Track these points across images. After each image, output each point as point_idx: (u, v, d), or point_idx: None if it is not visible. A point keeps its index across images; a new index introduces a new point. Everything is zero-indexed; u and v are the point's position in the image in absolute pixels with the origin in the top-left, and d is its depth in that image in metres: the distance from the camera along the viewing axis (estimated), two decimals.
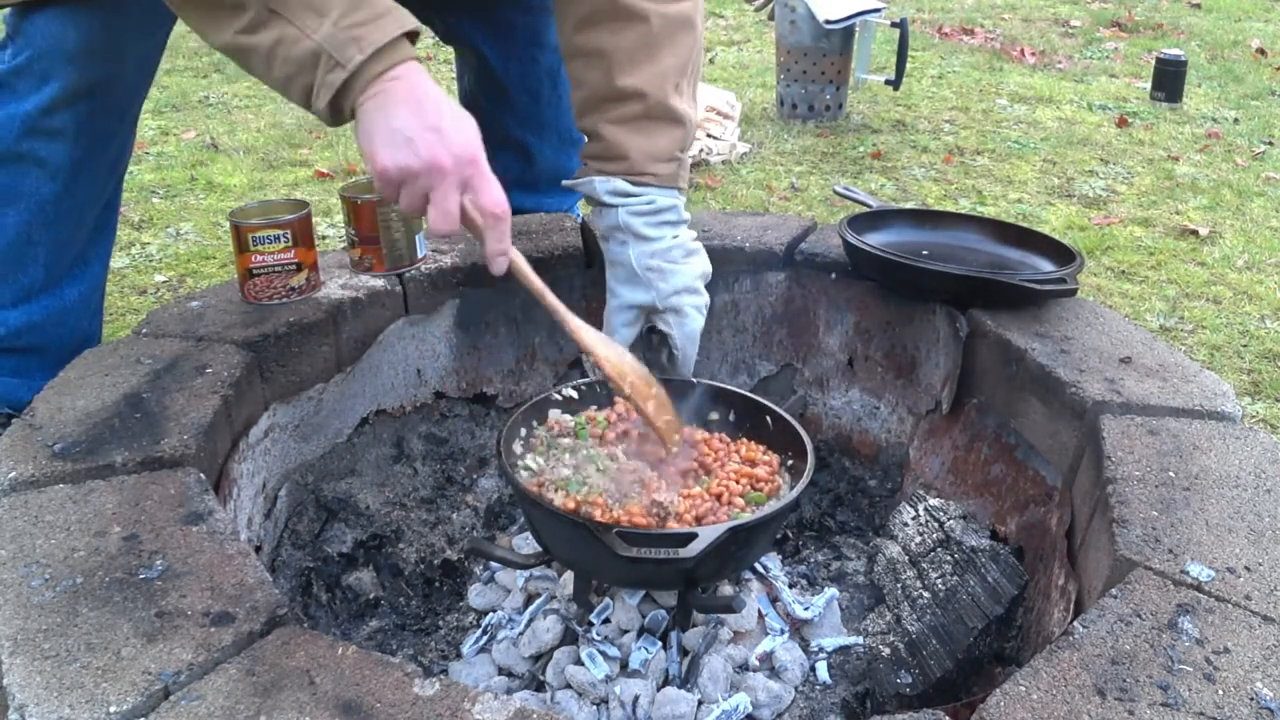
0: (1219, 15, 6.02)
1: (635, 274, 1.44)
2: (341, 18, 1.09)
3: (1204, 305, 2.59)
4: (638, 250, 1.44)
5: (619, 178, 1.43)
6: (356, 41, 1.09)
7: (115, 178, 1.73)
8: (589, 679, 1.20)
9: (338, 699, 0.85)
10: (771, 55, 4.24)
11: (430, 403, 1.69)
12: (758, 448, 1.40)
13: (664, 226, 1.45)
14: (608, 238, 1.46)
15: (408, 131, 1.10)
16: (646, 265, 1.44)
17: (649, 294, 1.44)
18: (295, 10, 1.09)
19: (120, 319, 2.39)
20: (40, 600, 0.94)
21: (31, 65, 1.53)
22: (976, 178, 3.47)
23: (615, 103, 1.42)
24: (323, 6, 1.09)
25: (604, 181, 1.43)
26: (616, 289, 1.47)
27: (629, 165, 1.43)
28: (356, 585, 1.45)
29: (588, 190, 1.46)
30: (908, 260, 1.55)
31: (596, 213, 1.48)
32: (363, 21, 1.09)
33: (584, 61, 1.43)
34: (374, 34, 1.09)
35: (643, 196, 1.43)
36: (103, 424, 1.21)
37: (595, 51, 1.41)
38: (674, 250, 1.45)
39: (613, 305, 1.47)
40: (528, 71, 2.09)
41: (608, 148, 1.43)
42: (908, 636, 1.29)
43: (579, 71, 1.45)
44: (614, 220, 1.44)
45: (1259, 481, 1.15)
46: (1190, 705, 0.86)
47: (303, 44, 1.09)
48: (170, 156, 3.50)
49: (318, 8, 1.09)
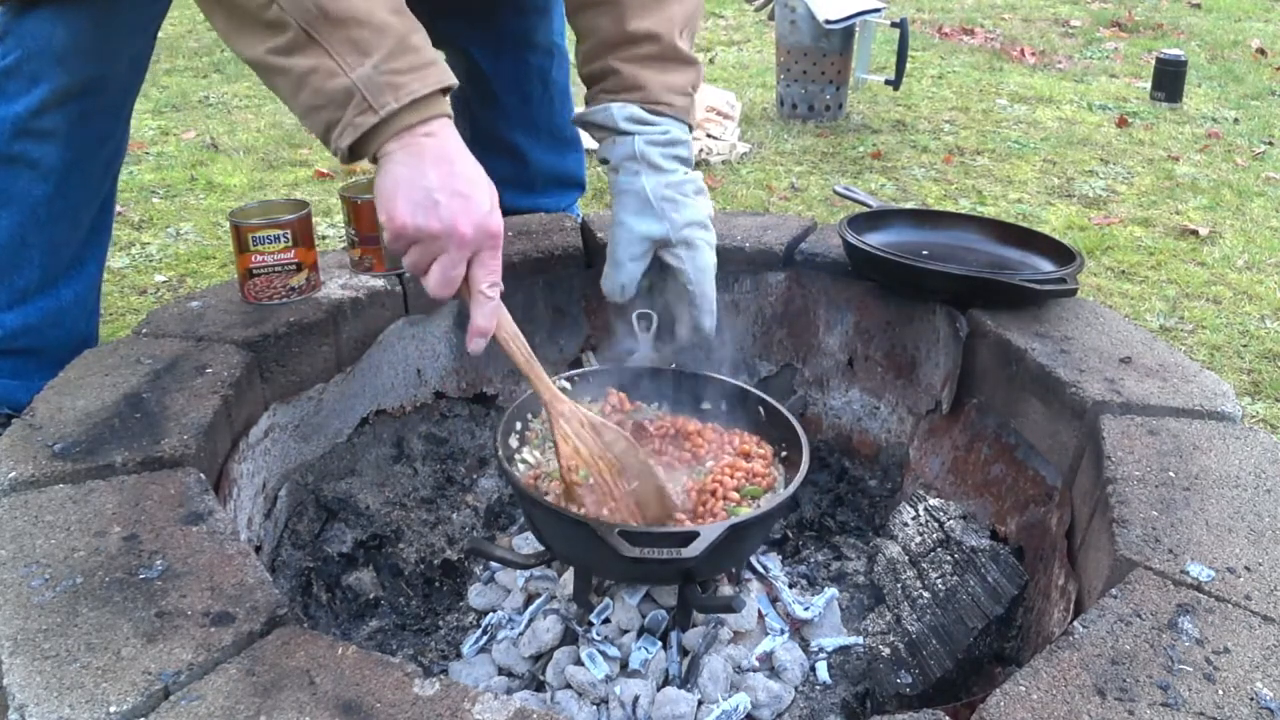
0: (1219, 15, 6.02)
1: (649, 204, 1.41)
2: (384, 61, 1.05)
3: (1204, 305, 2.59)
4: (653, 181, 1.41)
5: (636, 105, 1.42)
6: (394, 89, 1.06)
7: (110, 177, 1.72)
8: (589, 679, 1.20)
9: (338, 699, 0.85)
10: (771, 55, 4.24)
11: (430, 403, 1.69)
12: (751, 438, 1.40)
13: (676, 161, 1.44)
14: (618, 168, 1.44)
15: (435, 194, 1.08)
16: (661, 195, 1.41)
17: (662, 225, 1.41)
18: (337, 43, 1.05)
19: (120, 319, 2.39)
20: (40, 600, 0.94)
21: (20, 66, 1.52)
22: (976, 178, 3.47)
23: (628, 45, 1.41)
24: (367, 46, 1.05)
25: (621, 108, 1.42)
26: (626, 220, 1.42)
27: (645, 95, 1.42)
28: (356, 585, 1.45)
29: (602, 118, 1.43)
30: (908, 260, 1.55)
31: (609, 143, 1.45)
32: (405, 69, 1.06)
33: (594, 11, 1.42)
34: (414, 84, 1.07)
35: (659, 126, 1.43)
36: (103, 424, 1.21)
37: (605, 2, 1.40)
38: (686, 184, 1.44)
39: (621, 237, 1.43)
40: (517, 72, 2.09)
41: (622, 80, 1.42)
42: (908, 636, 1.29)
43: (588, 20, 1.43)
44: (629, 149, 1.42)
45: (1259, 481, 1.15)
46: (1190, 705, 0.86)
47: (338, 79, 1.06)
48: (170, 156, 3.50)
49: (362, 46, 1.05)
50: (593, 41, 1.44)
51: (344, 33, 1.04)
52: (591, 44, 1.44)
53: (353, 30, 1.04)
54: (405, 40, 1.07)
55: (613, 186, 1.45)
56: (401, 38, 1.06)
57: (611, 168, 1.45)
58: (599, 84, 1.45)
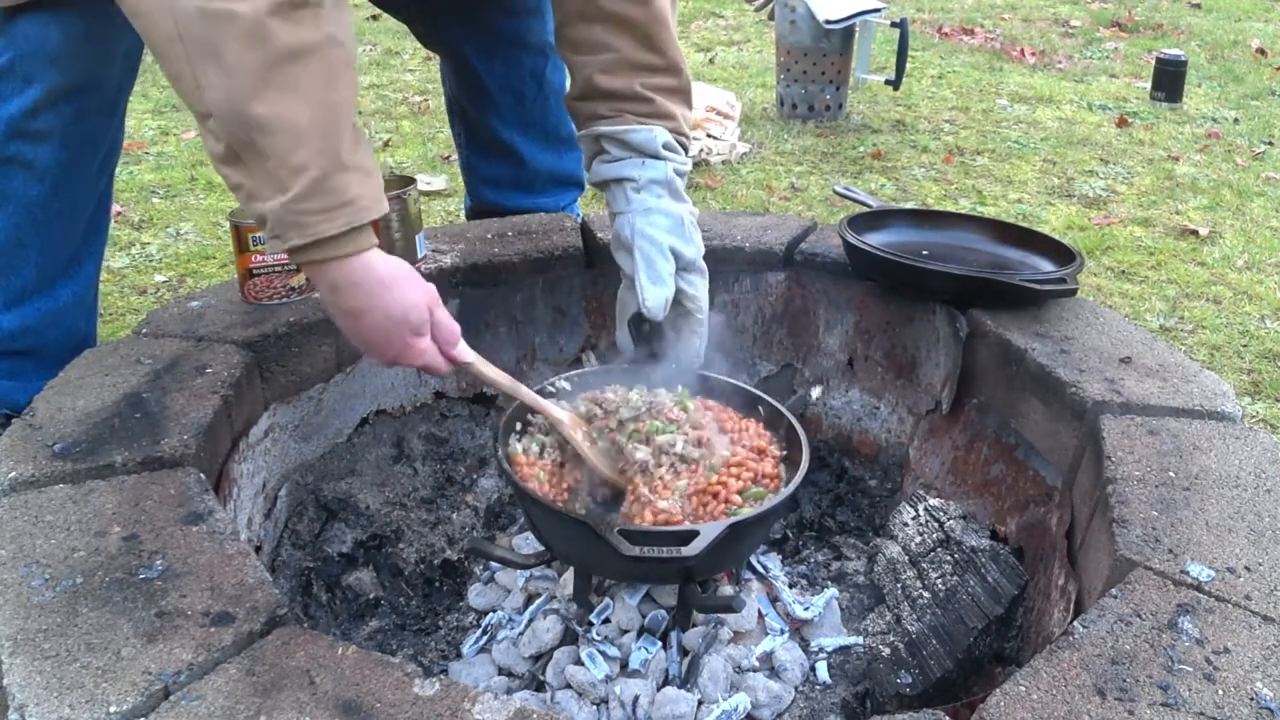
0: (1219, 15, 6.02)
1: (682, 226, 1.45)
2: (294, 200, 1.08)
3: (1204, 305, 2.59)
4: (683, 207, 1.47)
5: (670, 134, 1.47)
6: (299, 228, 1.09)
7: (106, 177, 1.72)
8: (589, 679, 1.20)
9: (338, 699, 0.85)
10: (771, 55, 4.24)
11: (430, 403, 1.69)
12: (765, 433, 1.39)
13: (685, 193, 1.50)
14: (642, 188, 1.46)
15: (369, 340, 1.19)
16: (690, 222, 1.47)
17: (691, 248, 1.45)
18: (256, 173, 1.08)
19: (120, 319, 2.39)
20: (40, 600, 0.94)
21: (14, 67, 1.52)
22: (976, 178, 3.47)
23: (650, 71, 1.45)
24: (283, 182, 1.08)
25: (662, 133, 1.46)
26: (661, 238, 1.43)
27: (676, 126, 1.48)
28: (356, 585, 1.45)
29: (643, 139, 1.45)
30: (908, 260, 1.55)
31: (633, 162, 1.46)
32: (314, 210, 1.09)
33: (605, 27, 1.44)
34: (320, 224, 1.09)
35: (680, 156, 1.48)
36: (103, 424, 1.21)
37: (625, 19, 1.43)
38: (694, 215, 1.50)
39: (657, 254, 1.42)
40: (510, 71, 2.09)
41: (656, 108, 1.46)
42: (908, 636, 1.29)
43: (598, 35, 1.45)
44: (662, 173, 1.45)
45: (1259, 481, 1.15)
46: (1190, 705, 0.86)
47: (254, 204, 1.10)
48: (170, 156, 3.50)
49: (276, 183, 1.08)
50: (612, 58, 1.45)
51: (263, 167, 1.07)
52: (611, 60, 1.45)
53: (271, 166, 1.07)
54: (321, 182, 1.08)
55: (631, 205, 1.46)
56: (317, 179, 1.08)
57: (634, 187, 1.46)
58: (620, 103, 1.46)
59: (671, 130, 1.47)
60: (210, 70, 1.04)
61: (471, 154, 2.25)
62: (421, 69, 4.58)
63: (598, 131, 1.47)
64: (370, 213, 1.13)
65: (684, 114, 1.50)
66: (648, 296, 1.39)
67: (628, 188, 1.46)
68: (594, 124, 1.48)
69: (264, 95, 1.04)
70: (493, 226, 1.81)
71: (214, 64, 1.04)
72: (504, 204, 2.17)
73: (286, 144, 1.06)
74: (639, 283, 1.41)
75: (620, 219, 1.46)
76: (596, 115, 1.47)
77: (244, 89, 1.04)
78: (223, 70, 1.04)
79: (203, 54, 1.04)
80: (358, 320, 1.18)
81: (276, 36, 1.03)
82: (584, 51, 1.47)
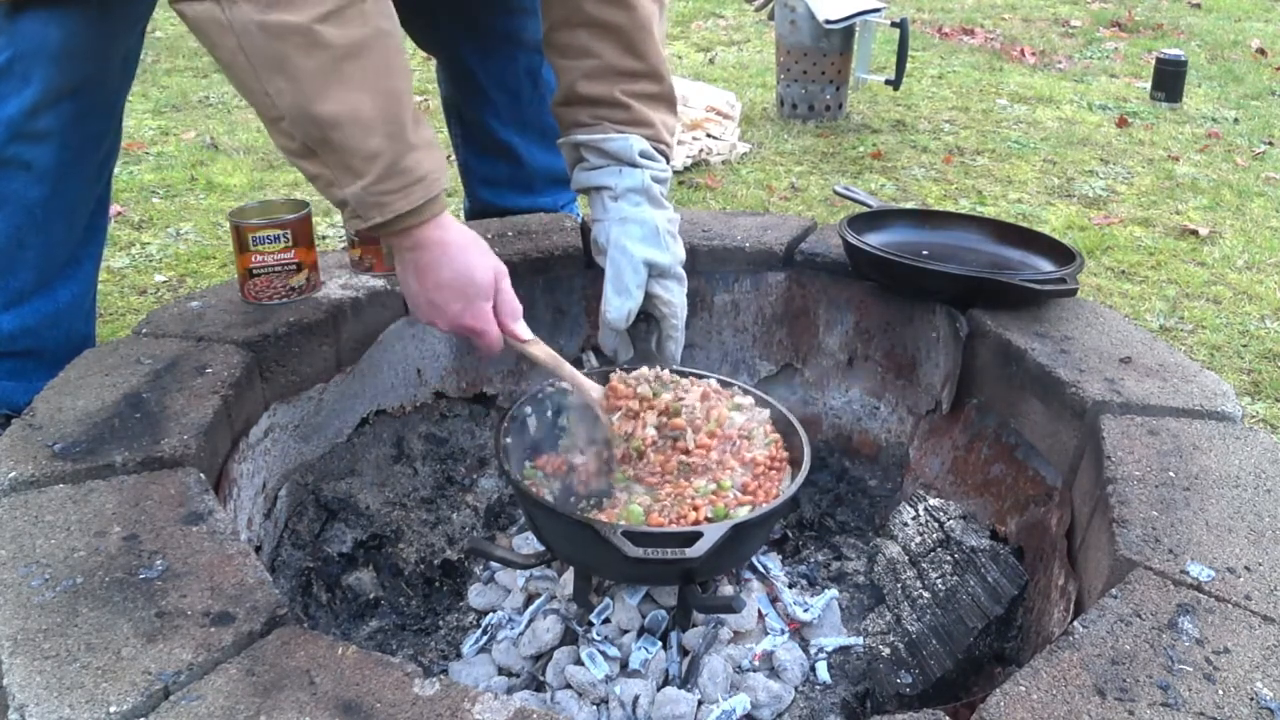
0: (1219, 15, 6.02)
1: (656, 235, 1.46)
2: (373, 184, 1.18)
3: (1204, 305, 2.59)
4: (659, 214, 1.47)
5: (646, 141, 1.48)
6: (380, 207, 1.19)
7: (104, 177, 1.71)
8: (589, 679, 1.20)
9: (338, 699, 0.85)
10: (771, 55, 4.24)
11: (430, 403, 1.69)
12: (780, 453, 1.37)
13: (666, 199, 1.51)
14: (620, 197, 1.47)
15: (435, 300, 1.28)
16: (667, 230, 1.47)
17: (666, 256, 1.46)
18: (333, 165, 1.18)
19: (120, 319, 2.39)
20: (40, 600, 0.94)
21: (12, 67, 1.51)
22: (976, 178, 3.47)
23: (630, 78, 1.46)
24: (360, 169, 1.17)
25: (638, 141, 1.47)
26: (631, 248, 1.44)
27: (654, 134, 1.49)
28: (356, 585, 1.45)
29: (619, 148, 1.46)
30: (908, 260, 1.55)
31: (610, 170, 1.48)
32: (392, 190, 1.19)
33: (590, 33, 1.45)
34: (398, 203, 1.19)
35: (659, 163, 1.49)
36: (103, 424, 1.21)
37: (609, 25, 1.44)
38: (675, 222, 1.51)
39: (626, 265, 1.44)
40: (506, 70, 2.09)
41: (633, 114, 1.47)
42: (908, 636, 1.29)
43: (583, 41, 1.46)
44: (638, 181, 1.46)
45: (1259, 481, 1.15)
46: (1190, 705, 0.86)
47: (334, 190, 1.20)
48: (170, 156, 3.49)
49: (354, 170, 1.17)
50: (594, 65, 1.46)
51: (339, 158, 1.17)
52: (594, 67, 1.46)
53: (346, 157, 1.17)
54: (395, 165, 1.18)
55: (609, 213, 1.48)
56: (391, 163, 1.18)
57: (611, 195, 1.48)
58: (600, 110, 1.48)
59: (649, 138, 1.48)
60: (277, 79, 1.13)
61: (469, 155, 2.25)
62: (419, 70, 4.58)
63: (575, 140, 1.50)
64: (440, 184, 1.23)
65: (664, 120, 1.50)
66: (609, 308, 1.43)
67: (605, 196, 1.48)
68: (573, 131, 1.50)
69: (329, 94, 1.13)
70: (492, 227, 1.81)
71: (279, 73, 1.12)
72: (502, 204, 2.17)
73: (357, 135, 1.15)
74: (605, 293, 1.45)
75: (598, 226, 1.49)
76: (577, 122, 1.49)
77: (310, 92, 1.13)
78: (288, 78, 1.12)
79: (267, 65, 1.12)
80: (432, 276, 1.26)
81: (331, 40, 1.12)
82: (569, 57, 1.48)
